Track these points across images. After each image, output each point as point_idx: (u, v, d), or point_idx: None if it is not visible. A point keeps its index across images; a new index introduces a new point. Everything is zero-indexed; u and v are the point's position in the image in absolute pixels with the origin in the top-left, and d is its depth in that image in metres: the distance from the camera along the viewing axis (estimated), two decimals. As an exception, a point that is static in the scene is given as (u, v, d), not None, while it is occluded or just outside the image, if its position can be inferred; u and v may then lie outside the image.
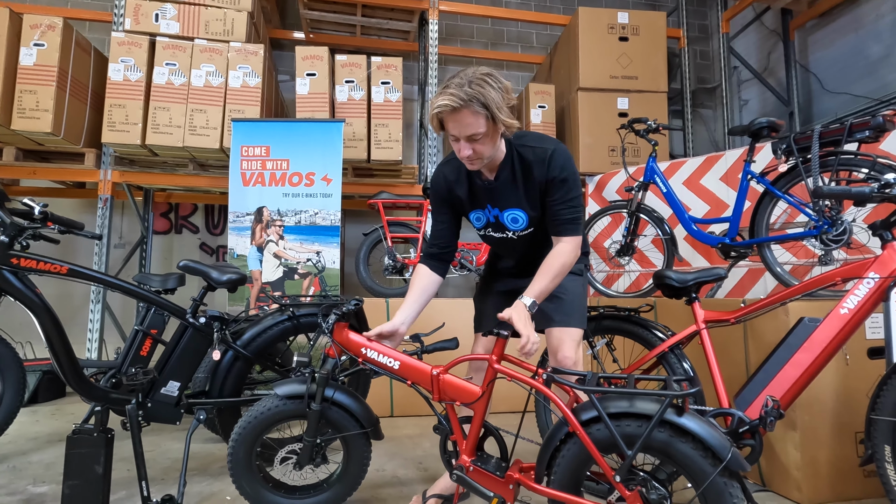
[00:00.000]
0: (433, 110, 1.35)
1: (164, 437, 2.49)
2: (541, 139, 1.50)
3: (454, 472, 1.40)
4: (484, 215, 1.60)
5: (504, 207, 1.55)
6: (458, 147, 1.39)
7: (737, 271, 2.93)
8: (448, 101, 1.31)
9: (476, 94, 1.31)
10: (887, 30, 3.73)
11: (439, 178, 1.60)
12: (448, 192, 1.59)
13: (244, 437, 1.53)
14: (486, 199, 1.57)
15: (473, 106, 1.31)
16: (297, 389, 1.52)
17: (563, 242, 1.50)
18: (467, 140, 1.36)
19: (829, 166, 1.96)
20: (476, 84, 1.31)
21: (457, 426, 1.43)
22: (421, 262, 1.64)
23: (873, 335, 1.82)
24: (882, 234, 1.40)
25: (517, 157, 1.49)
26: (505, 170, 1.50)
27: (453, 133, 1.37)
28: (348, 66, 3.65)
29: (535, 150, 1.48)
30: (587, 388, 1.19)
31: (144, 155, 3.50)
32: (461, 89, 1.31)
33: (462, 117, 1.33)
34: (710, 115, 5.31)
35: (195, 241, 4.53)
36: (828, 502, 1.75)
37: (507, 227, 1.58)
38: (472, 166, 1.45)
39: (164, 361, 1.80)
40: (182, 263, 1.87)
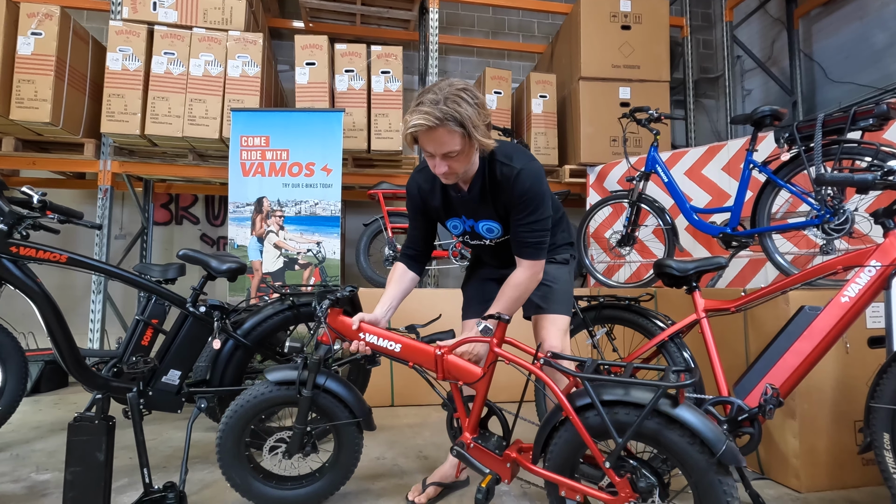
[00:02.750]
0: (407, 129, 1.30)
1: (166, 426, 2.51)
2: (511, 155, 1.43)
3: (454, 448, 1.43)
4: (461, 224, 1.59)
5: (479, 219, 1.54)
6: (433, 163, 1.36)
7: (738, 261, 2.92)
8: (422, 121, 1.26)
9: (452, 113, 1.26)
10: (892, 18, 3.69)
11: (413, 186, 1.58)
12: (422, 201, 1.58)
13: (233, 425, 1.51)
14: (461, 210, 1.55)
15: (449, 125, 1.27)
16: (288, 375, 1.51)
17: (521, 267, 1.48)
18: (442, 157, 1.33)
19: (832, 155, 1.95)
20: (452, 101, 1.26)
21: (460, 404, 1.46)
22: (399, 260, 1.65)
23: (874, 324, 1.82)
24: (884, 222, 1.39)
25: (488, 171, 1.45)
26: (477, 183, 1.47)
27: (428, 150, 1.33)
28: (348, 55, 3.62)
29: (504, 166, 1.42)
30: (582, 375, 1.19)
31: (144, 145, 3.49)
32: (436, 107, 1.26)
33: (437, 136, 1.28)
34: (713, 105, 5.27)
35: (196, 231, 4.52)
36: (825, 490, 1.76)
37: (482, 236, 1.58)
38: (447, 181, 1.42)
39: (165, 350, 1.80)
40: (182, 252, 1.87)
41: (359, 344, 1.48)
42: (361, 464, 2.01)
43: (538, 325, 1.62)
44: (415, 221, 1.63)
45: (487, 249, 1.66)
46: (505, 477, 1.36)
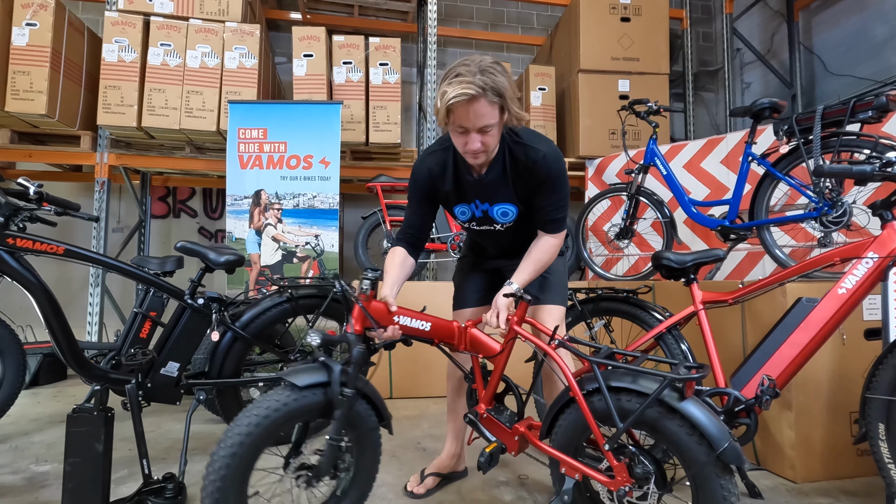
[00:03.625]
0: (446, 101, 1.25)
1: (165, 418, 2.52)
2: (533, 138, 1.45)
3: (468, 416, 1.47)
4: (469, 210, 1.56)
5: (494, 202, 1.52)
6: (466, 140, 1.32)
7: (736, 254, 2.93)
8: (466, 90, 1.22)
9: (491, 83, 1.24)
10: (892, 10, 3.68)
11: (422, 170, 1.53)
12: (431, 185, 1.53)
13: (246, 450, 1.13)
14: (474, 195, 1.53)
15: (489, 95, 1.25)
16: (317, 376, 1.23)
17: (548, 237, 1.52)
18: (478, 132, 1.30)
19: (831, 147, 1.95)
20: (489, 72, 1.25)
21: (479, 376, 1.50)
22: (397, 245, 1.57)
23: (871, 316, 1.83)
24: (882, 214, 1.40)
25: (509, 153, 1.44)
26: (496, 166, 1.45)
27: (463, 125, 1.29)
28: (346, 47, 3.60)
29: (528, 149, 1.42)
30: (593, 359, 1.20)
31: (141, 137, 3.47)
32: (475, 77, 1.23)
33: (477, 108, 1.25)
34: (712, 99, 5.26)
35: (194, 225, 4.51)
36: (820, 480, 1.77)
37: (495, 220, 1.56)
38: (477, 160, 1.38)
39: (163, 342, 1.80)
40: (180, 244, 1.86)
41: (394, 328, 1.37)
42: (360, 455, 2.02)
43: (535, 315, 1.63)
44: (418, 206, 1.56)
45: (493, 236, 1.63)
46: (511, 449, 1.39)
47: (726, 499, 1.07)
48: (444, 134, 1.51)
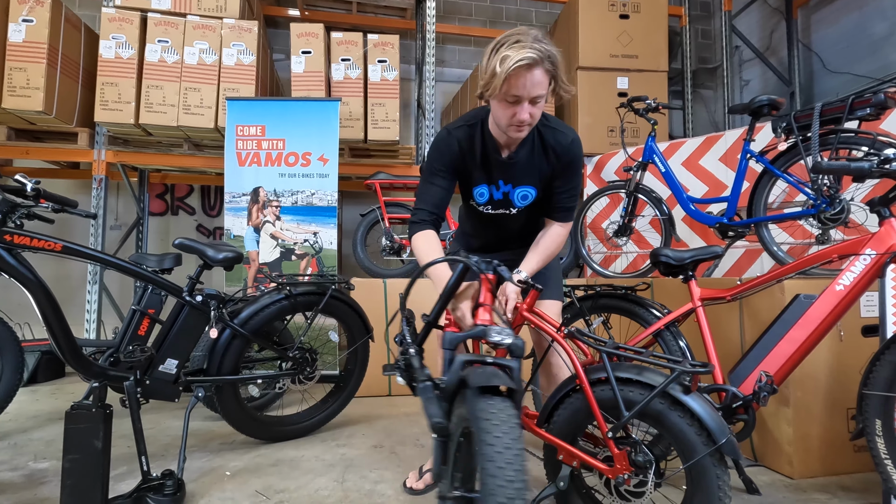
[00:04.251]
0: (509, 65, 1.20)
1: (165, 415, 2.52)
2: (561, 123, 1.48)
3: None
4: (489, 191, 1.53)
5: (518, 184, 1.51)
6: (515, 111, 1.28)
7: (734, 251, 2.93)
8: (531, 54, 1.20)
9: (547, 52, 1.23)
10: (891, 7, 3.68)
11: (451, 141, 1.47)
12: (461, 158, 1.48)
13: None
14: (499, 175, 1.50)
15: (545, 63, 1.24)
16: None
17: (558, 226, 1.53)
18: (530, 103, 1.29)
19: (829, 144, 1.95)
20: (543, 42, 1.23)
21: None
22: (426, 228, 1.47)
23: (868, 313, 1.83)
24: (880, 211, 1.40)
25: (537, 135, 1.45)
26: (525, 146, 1.45)
27: (518, 94, 1.25)
28: (344, 43, 3.59)
29: (557, 133, 1.45)
30: (605, 350, 1.21)
31: (138, 135, 3.46)
32: (534, 44, 1.21)
33: (536, 75, 1.23)
34: (711, 96, 5.26)
35: (192, 222, 4.50)
36: (818, 476, 1.78)
37: (513, 203, 1.54)
38: (520, 133, 1.36)
39: (162, 339, 1.80)
40: (178, 241, 1.86)
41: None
42: (359, 452, 2.03)
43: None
44: (440, 179, 1.47)
45: (501, 223, 1.60)
46: None
47: (721, 488, 1.10)
48: (470, 111, 1.49)
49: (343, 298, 2.19)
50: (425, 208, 1.48)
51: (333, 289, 2.15)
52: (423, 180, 1.51)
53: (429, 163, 1.50)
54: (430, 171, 1.49)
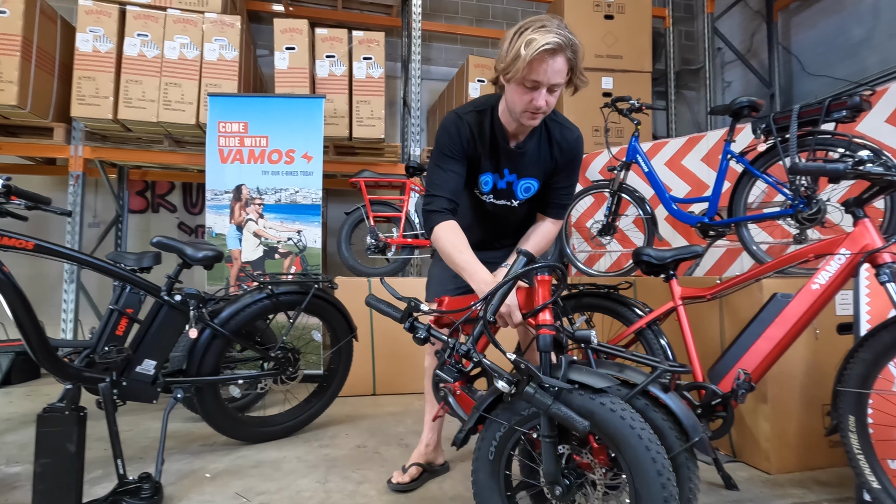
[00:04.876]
0: (534, 48, 1.19)
1: (144, 417, 2.47)
2: (566, 119, 1.50)
3: (442, 390, 1.40)
4: (493, 180, 1.51)
5: (522, 175, 1.50)
6: (533, 97, 1.27)
7: (715, 251, 2.97)
8: (557, 39, 1.19)
9: (571, 41, 1.22)
10: (869, 12, 3.76)
11: (462, 125, 1.43)
12: (472, 142, 1.45)
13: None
14: (505, 164, 1.49)
15: (567, 51, 1.23)
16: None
17: (550, 222, 1.56)
18: (548, 90, 1.28)
19: (807, 146, 1.98)
20: (565, 30, 1.23)
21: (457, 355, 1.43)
22: (448, 217, 1.41)
23: (843, 311, 1.87)
24: (854, 212, 1.43)
25: (545, 128, 1.46)
26: (533, 138, 1.45)
27: (538, 79, 1.24)
28: (329, 40, 3.55)
29: (564, 128, 1.46)
30: (588, 346, 1.21)
31: (117, 130, 3.39)
32: (559, 31, 1.21)
33: (558, 61, 1.23)
34: (694, 97, 5.33)
35: (173, 220, 4.43)
36: (794, 471, 1.81)
37: (516, 195, 1.53)
38: (533, 122, 1.35)
39: (139, 340, 1.76)
40: (156, 240, 1.82)
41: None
42: (342, 452, 2.01)
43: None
44: (453, 164, 1.43)
45: (501, 216, 1.59)
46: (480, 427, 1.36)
47: (692, 479, 1.12)
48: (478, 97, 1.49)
49: (326, 297, 2.18)
50: (443, 195, 1.41)
51: (316, 288, 2.13)
52: (435, 166, 1.45)
53: (439, 147, 1.45)
54: (442, 155, 1.44)
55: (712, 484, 1.70)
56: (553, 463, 1.12)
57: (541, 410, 1.09)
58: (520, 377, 1.12)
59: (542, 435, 1.12)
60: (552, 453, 1.12)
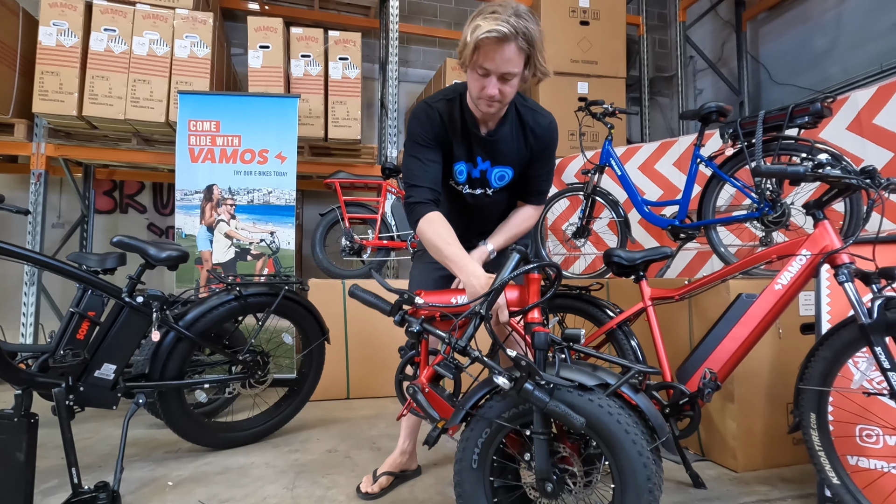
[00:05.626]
0: (477, 35, 1.19)
1: (105, 424, 2.38)
2: (539, 106, 1.50)
3: (410, 387, 1.39)
4: (467, 168, 1.49)
5: (496, 163, 1.49)
6: (484, 84, 1.27)
7: (687, 253, 3.03)
8: (500, 27, 1.17)
9: (523, 29, 1.20)
10: (832, 24, 3.90)
11: (432, 113, 1.42)
12: (443, 130, 1.43)
13: None
14: (478, 152, 1.47)
15: (519, 40, 1.21)
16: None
17: (531, 207, 1.57)
18: (499, 78, 1.26)
19: (772, 150, 2.03)
20: (523, 18, 1.21)
21: (424, 349, 1.43)
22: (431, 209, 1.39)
23: (807, 312, 1.92)
24: (815, 214, 1.46)
25: (516, 115, 1.45)
26: (505, 125, 1.44)
27: (486, 66, 1.24)
28: (304, 39, 3.51)
29: (537, 114, 1.46)
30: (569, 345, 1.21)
31: (82, 127, 3.28)
32: (510, 18, 1.18)
33: (506, 50, 1.21)
34: (668, 104, 5.43)
35: (142, 221, 4.30)
36: (760, 469, 1.85)
37: (490, 183, 1.52)
38: (489, 109, 1.33)
39: (98, 343, 1.70)
40: (116, 239, 1.76)
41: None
42: (312, 457, 1.97)
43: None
44: (432, 153, 1.42)
45: (480, 209, 1.57)
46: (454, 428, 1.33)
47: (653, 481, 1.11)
48: (446, 87, 1.47)
49: (297, 299, 2.13)
50: (424, 185, 1.40)
51: (287, 289, 2.09)
52: (411, 157, 1.44)
53: (412, 138, 1.44)
54: (416, 145, 1.43)
55: (681, 483, 1.72)
56: (546, 460, 1.13)
57: (538, 407, 1.09)
58: (520, 374, 1.11)
59: (536, 432, 1.12)
60: (545, 450, 1.13)
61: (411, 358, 1.45)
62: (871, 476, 1.44)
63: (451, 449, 2.06)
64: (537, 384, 1.09)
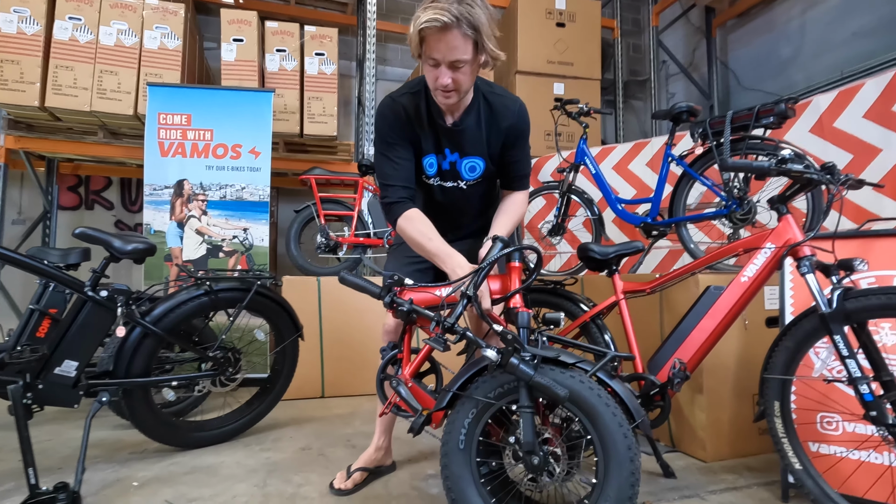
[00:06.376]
0: (418, 25, 1.20)
1: (67, 426, 2.29)
2: (507, 91, 1.48)
3: (394, 380, 1.39)
4: (437, 161, 1.48)
5: (465, 154, 1.47)
6: (436, 74, 1.27)
7: (659, 251, 3.09)
8: (437, 15, 1.17)
9: (467, 14, 1.19)
10: (796, 32, 4.05)
11: (397, 108, 1.41)
12: (409, 124, 1.42)
13: None
14: (446, 143, 1.46)
15: (463, 26, 1.20)
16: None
17: (518, 193, 1.56)
18: (449, 66, 1.25)
19: (739, 150, 2.10)
20: (466, 3, 1.20)
21: (408, 345, 1.44)
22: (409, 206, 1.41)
23: (772, 305, 1.98)
24: (778, 208, 1.51)
25: (484, 102, 1.43)
26: (471, 114, 1.42)
27: (434, 56, 1.24)
28: (279, 34, 3.46)
29: (506, 99, 1.45)
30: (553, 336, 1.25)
31: (45, 119, 3.16)
32: (451, 6, 1.18)
33: (450, 38, 1.20)
34: (641, 107, 5.55)
35: (110, 217, 4.16)
36: (727, 458, 1.89)
37: (461, 175, 1.50)
38: (447, 100, 1.32)
39: (59, 339, 1.63)
40: (79, 231, 1.70)
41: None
42: (284, 455, 1.93)
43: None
44: (399, 150, 1.42)
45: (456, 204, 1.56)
46: (436, 420, 1.34)
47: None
48: (412, 79, 1.45)
49: (270, 295, 2.10)
50: (397, 184, 1.41)
51: (259, 285, 2.05)
52: (381, 155, 1.44)
53: (380, 135, 1.44)
54: (385, 143, 1.43)
55: (651, 473, 1.75)
56: (532, 433, 1.15)
57: (523, 380, 1.12)
58: (506, 348, 1.13)
59: (522, 406, 1.15)
60: (531, 423, 1.15)
61: (393, 357, 1.45)
62: (830, 461, 1.50)
63: (426, 445, 2.05)
64: (522, 359, 1.11)
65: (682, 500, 1.56)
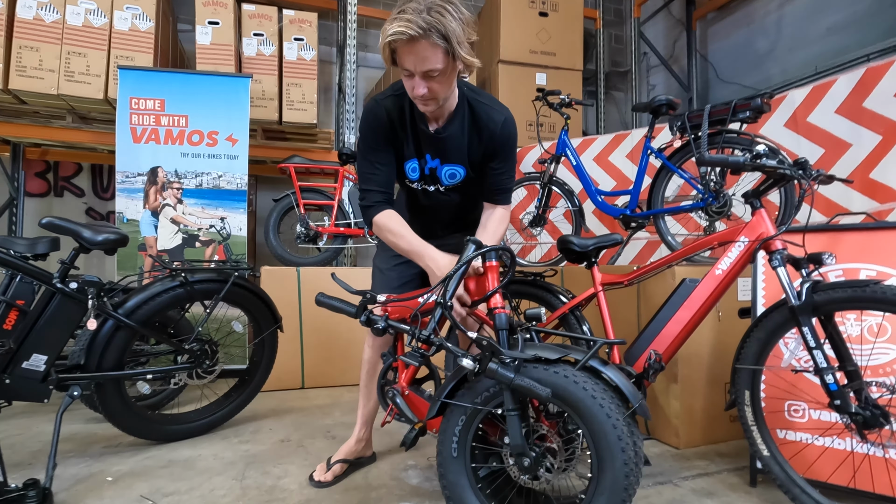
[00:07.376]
0: (385, 38, 1.18)
1: (37, 420, 2.23)
2: (494, 100, 1.46)
3: (390, 390, 1.39)
4: (420, 165, 1.48)
5: (445, 161, 1.46)
6: (412, 84, 1.26)
7: (637, 243, 3.14)
8: (404, 28, 1.15)
9: (436, 24, 1.17)
10: (773, 26, 4.11)
11: (380, 112, 1.40)
12: (392, 129, 1.41)
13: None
14: (427, 149, 1.45)
15: (432, 37, 1.17)
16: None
17: (501, 208, 1.53)
18: (423, 77, 1.24)
19: (716, 143, 2.13)
20: (436, 12, 1.17)
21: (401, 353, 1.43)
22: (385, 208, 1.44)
23: (744, 297, 2.03)
24: (752, 202, 1.54)
25: (469, 111, 1.41)
26: (455, 121, 1.40)
27: (407, 67, 1.23)
28: (257, 17, 3.37)
29: (492, 110, 1.41)
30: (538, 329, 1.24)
31: (9, 102, 3.02)
32: (419, 16, 1.16)
33: (419, 49, 1.19)
34: (623, 98, 5.58)
35: (80, 205, 4.03)
36: (700, 445, 1.95)
37: (440, 180, 1.50)
38: (426, 108, 1.32)
39: (27, 332, 1.58)
40: (46, 220, 1.64)
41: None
42: (263, 447, 1.92)
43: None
44: (380, 155, 1.42)
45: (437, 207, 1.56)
46: (433, 426, 1.36)
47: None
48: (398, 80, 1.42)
49: (247, 286, 2.06)
50: (374, 189, 1.44)
51: (236, 276, 2.01)
52: (363, 158, 1.44)
53: (362, 139, 1.43)
54: (368, 147, 1.43)
55: (627, 460, 1.79)
56: (519, 436, 1.14)
57: (504, 384, 1.11)
58: (483, 354, 1.13)
59: (507, 409, 1.14)
60: (518, 426, 1.14)
61: (391, 364, 1.45)
62: (796, 447, 1.55)
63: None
64: (502, 362, 1.11)
65: (657, 486, 1.61)
